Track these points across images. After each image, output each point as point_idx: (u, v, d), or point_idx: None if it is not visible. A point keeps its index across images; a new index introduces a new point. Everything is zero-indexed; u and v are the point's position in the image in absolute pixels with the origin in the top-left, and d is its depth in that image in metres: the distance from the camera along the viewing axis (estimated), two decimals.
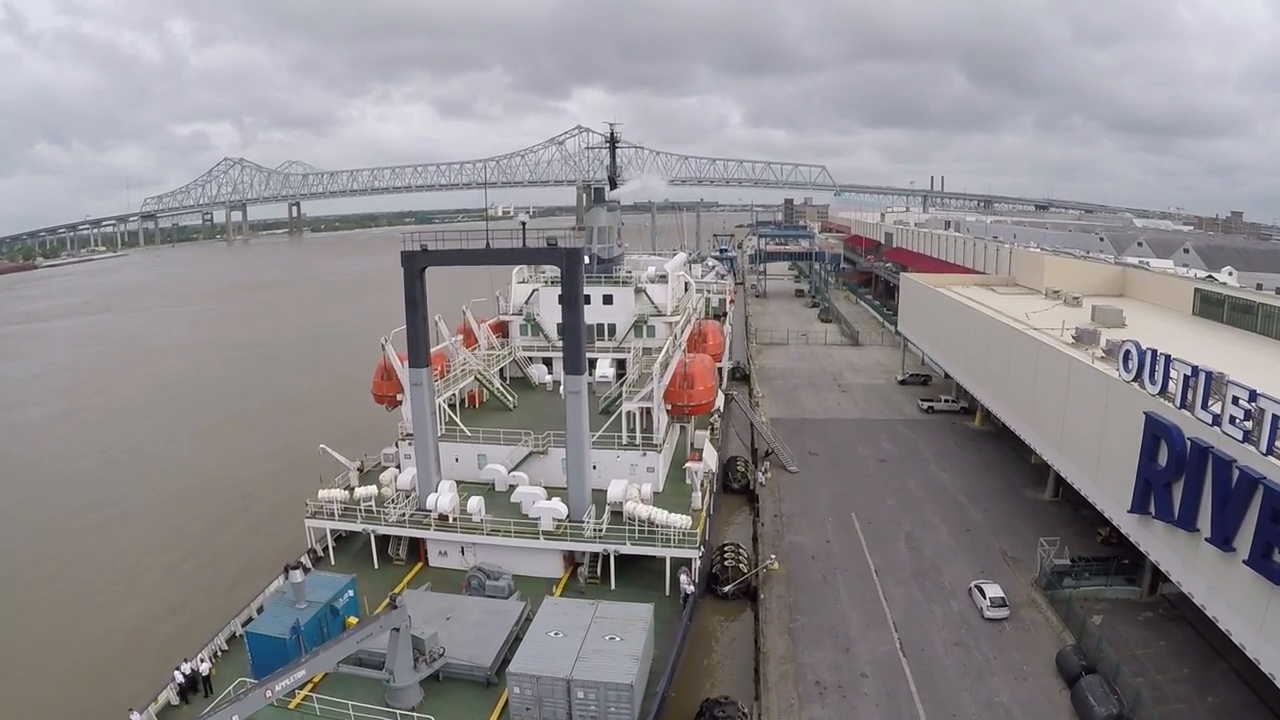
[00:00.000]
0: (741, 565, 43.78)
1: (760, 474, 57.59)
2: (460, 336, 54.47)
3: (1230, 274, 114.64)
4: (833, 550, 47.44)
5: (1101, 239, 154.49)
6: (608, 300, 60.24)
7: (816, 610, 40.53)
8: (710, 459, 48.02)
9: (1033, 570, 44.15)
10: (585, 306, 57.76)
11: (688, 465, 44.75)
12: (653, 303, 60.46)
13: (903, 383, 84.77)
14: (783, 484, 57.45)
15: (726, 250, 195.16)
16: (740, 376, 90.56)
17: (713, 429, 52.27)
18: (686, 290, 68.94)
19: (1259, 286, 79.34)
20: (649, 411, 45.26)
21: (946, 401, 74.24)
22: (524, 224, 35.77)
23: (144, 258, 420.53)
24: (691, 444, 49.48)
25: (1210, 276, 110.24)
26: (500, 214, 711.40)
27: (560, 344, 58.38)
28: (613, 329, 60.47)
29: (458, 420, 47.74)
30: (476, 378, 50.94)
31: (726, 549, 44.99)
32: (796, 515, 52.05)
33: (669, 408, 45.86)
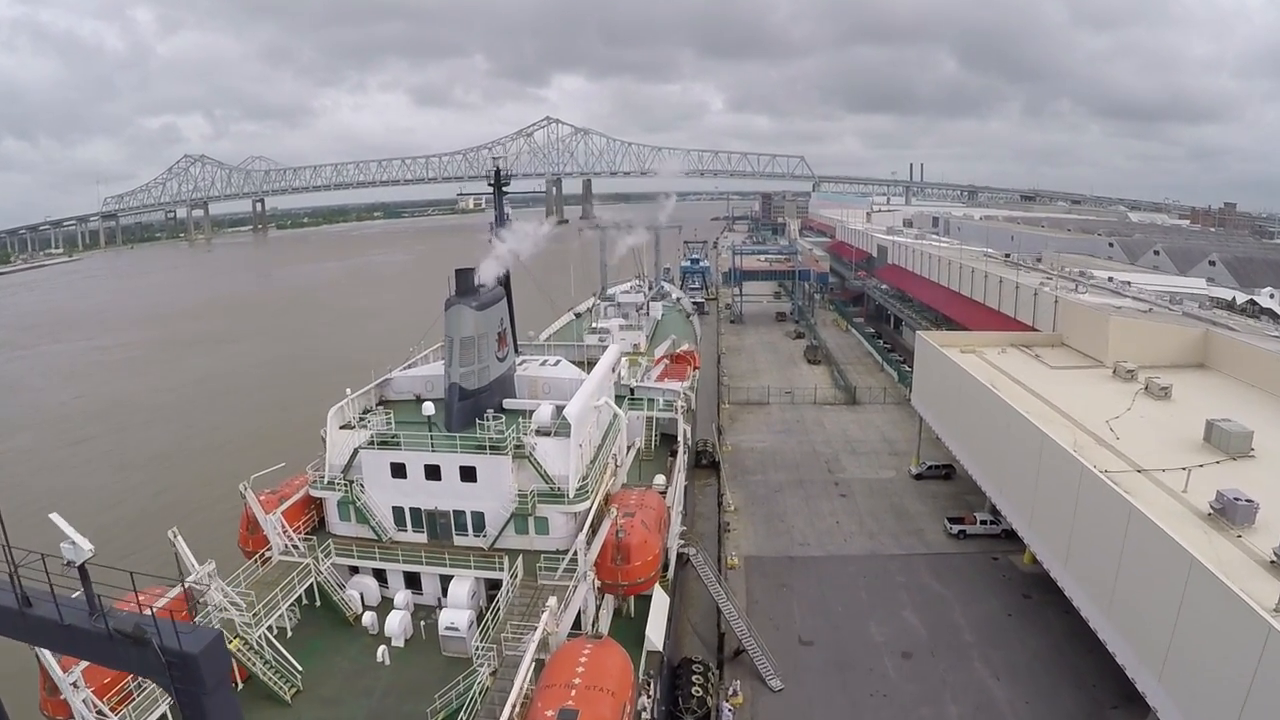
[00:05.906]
0: None
1: (726, 703, 38.00)
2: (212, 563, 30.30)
3: (1271, 295, 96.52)
4: None
5: (1111, 244, 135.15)
6: (468, 475, 34.42)
7: None
8: None
9: None
10: (433, 484, 34.92)
11: None
12: (545, 475, 34.48)
13: (919, 477, 65.28)
14: (760, 716, 37.98)
15: (699, 260, 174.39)
16: (707, 463, 70.67)
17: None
18: (614, 422, 42.23)
19: None
20: None
21: (984, 523, 54.78)
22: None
23: (99, 263, 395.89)
24: None
25: (1252, 301, 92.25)
26: (471, 206, 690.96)
27: (402, 542, 35.28)
28: (479, 522, 35.01)
29: None
30: (235, 653, 27.65)
31: None
32: None
33: None
